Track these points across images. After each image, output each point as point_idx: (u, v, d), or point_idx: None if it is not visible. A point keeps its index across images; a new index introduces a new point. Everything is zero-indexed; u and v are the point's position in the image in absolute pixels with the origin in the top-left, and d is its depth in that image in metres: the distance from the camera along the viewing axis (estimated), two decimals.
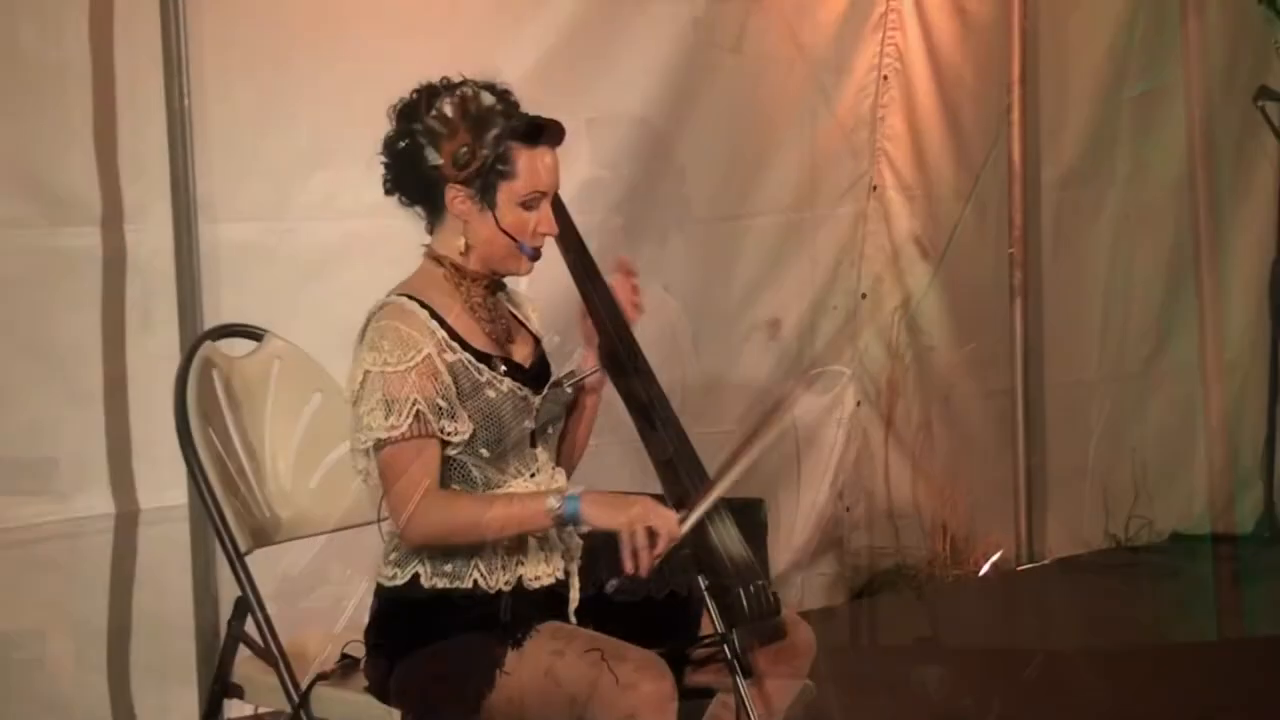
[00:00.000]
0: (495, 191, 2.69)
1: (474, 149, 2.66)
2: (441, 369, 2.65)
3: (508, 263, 2.76)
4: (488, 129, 2.66)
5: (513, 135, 2.67)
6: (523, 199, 2.70)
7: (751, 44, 5.01)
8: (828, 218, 5.36)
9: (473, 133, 2.66)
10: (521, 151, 2.68)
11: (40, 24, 3.69)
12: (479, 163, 2.66)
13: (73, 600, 3.83)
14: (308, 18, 4.07)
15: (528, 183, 2.69)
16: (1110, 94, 6.02)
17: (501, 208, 2.70)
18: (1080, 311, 6.12)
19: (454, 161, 2.67)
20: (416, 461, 2.63)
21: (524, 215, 2.71)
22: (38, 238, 3.73)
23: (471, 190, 2.69)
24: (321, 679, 2.80)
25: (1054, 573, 5.88)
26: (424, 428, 2.62)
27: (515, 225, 2.71)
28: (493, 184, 2.68)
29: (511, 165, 2.68)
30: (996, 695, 4.41)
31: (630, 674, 2.49)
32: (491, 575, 2.68)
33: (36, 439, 3.76)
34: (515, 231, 2.71)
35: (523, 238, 2.72)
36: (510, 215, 2.70)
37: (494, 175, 2.68)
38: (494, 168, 2.67)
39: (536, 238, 2.74)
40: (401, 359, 2.62)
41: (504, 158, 2.67)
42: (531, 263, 2.76)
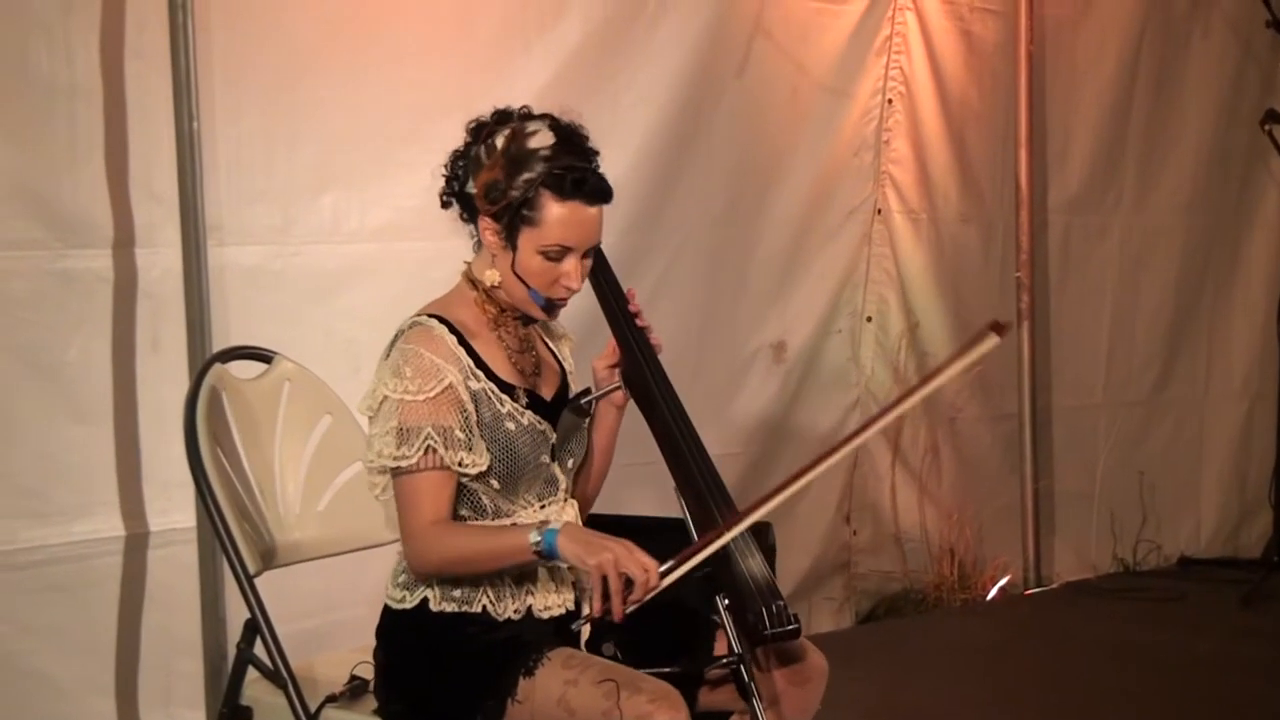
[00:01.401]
0: (518, 234, 2.64)
1: (505, 187, 2.62)
2: (464, 398, 2.63)
3: (525, 306, 2.71)
4: (521, 171, 2.61)
5: (546, 183, 2.61)
6: (543, 249, 2.64)
7: (755, 69, 5.02)
8: (832, 241, 5.37)
9: (506, 170, 2.62)
10: (552, 201, 2.62)
11: (50, 46, 3.69)
12: (506, 202, 2.63)
13: (81, 622, 3.81)
14: (316, 41, 4.07)
15: (550, 235, 2.63)
16: (1117, 118, 6.04)
17: (521, 251, 2.65)
18: (1087, 336, 6.13)
19: (485, 194, 2.64)
20: (425, 495, 2.61)
21: (544, 264, 2.65)
22: (47, 260, 3.72)
23: (499, 225, 2.66)
24: (330, 701, 2.79)
25: (1062, 597, 5.87)
26: (435, 460, 2.60)
27: (531, 272, 2.66)
28: (516, 226, 2.64)
29: (538, 213, 2.62)
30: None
31: (644, 705, 2.46)
32: (500, 603, 2.67)
33: (46, 461, 3.75)
34: (529, 278, 2.66)
35: (538, 286, 2.66)
36: (529, 261, 2.65)
37: (519, 219, 2.63)
38: (520, 211, 2.63)
39: (556, 289, 2.68)
40: (421, 388, 2.59)
41: (531, 203, 2.62)
42: (546, 314, 2.72)
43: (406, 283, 2.90)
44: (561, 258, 2.65)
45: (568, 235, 2.63)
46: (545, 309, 2.70)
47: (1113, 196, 6.09)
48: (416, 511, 2.61)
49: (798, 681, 2.77)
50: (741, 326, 5.16)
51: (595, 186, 2.64)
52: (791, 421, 5.31)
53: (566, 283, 2.67)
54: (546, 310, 2.71)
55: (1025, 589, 5.88)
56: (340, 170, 4.12)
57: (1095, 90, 5.98)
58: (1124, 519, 6.19)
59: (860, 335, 5.49)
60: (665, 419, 2.78)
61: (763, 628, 2.61)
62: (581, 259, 2.68)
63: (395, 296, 2.84)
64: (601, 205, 2.67)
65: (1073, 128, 5.95)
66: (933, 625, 5.44)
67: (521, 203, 2.62)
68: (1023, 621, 5.58)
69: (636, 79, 4.71)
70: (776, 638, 2.63)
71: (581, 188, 2.62)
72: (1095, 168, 6.03)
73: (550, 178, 2.61)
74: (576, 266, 2.67)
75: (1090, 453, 6.17)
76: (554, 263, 2.65)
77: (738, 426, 5.12)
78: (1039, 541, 5.95)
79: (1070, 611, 5.69)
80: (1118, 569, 6.19)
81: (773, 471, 5.21)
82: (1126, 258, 6.17)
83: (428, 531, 2.60)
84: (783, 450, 5.27)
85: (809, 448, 5.34)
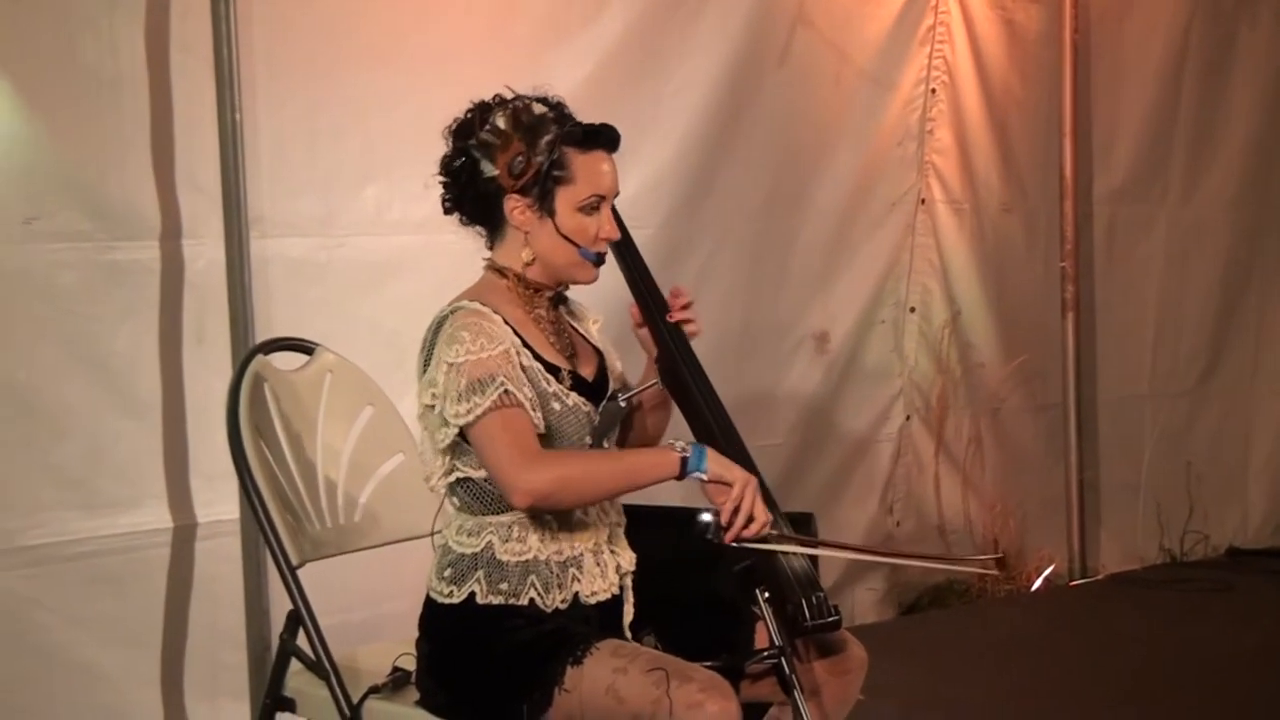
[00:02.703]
0: (553, 198, 2.68)
1: (529, 156, 2.65)
2: (524, 365, 2.64)
3: (572, 270, 2.74)
4: (541, 135, 2.66)
5: (567, 140, 2.67)
6: (581, 204, 2.69)
7: (797, 58, 5.01)
8: (876, 231, 5.36)
9: (526, 140, 2.66)
10: (577, 156, 2.67)
11: (96, 39, 3.72)
12: (535, 169, 2.66)
13: (128, 613, 3.84)
14: (358, 33, 4.09)
15: (585, 186, 2.68)
16: (1164, 109, 6.00)
17: (561, 214, 2.69)
18: (1133, 326, 6.10)
19: (510, 171, 2.67)
20: (514, 428, 2.57)
21: (583, 220, 2.69)
22: (95, 251, 3.75)
23: (530, 199, 2.68)
24: (373, 692, 2.78)
25: (1108, 588, 5.84)
26: (511, 399, 2.58)
27: (575, 230, 2.70)
28: (550, 190, 2.68)
29: (567, 170, 2.67)
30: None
31: (695, 694, 2.45)
32: (548, 594, 2.66)
33: (94, 453, 3.78)
34: (576, 236, 2.70)
35: (584, 243, 2.70)
36: (570, 220, 2.69)
37: (551, 181, 2.67)
38: (550, 174, 2.66)
39: (598, 243, 2.72)
40: (485, 346, 2.60)
41: (559, 163, 2.66)
42: (596, 269, 2.74)
43: (451, 273, 2.89)
44: (597, 210, 2.71)
45: (600, 184, 2.70)
46: (595, 264, 2.73)
47: (1159, 188, 6.06)
48: (510, 440, 2.56)
49: (838, 672, 2.77)
50: (784, 317, 5.16)
51: (609, 133, 2.72)
52: (834, 412, 5.31)
53: (606, 234, 2.73)
54: (596, 265, 2.74)
55: (1070, 580, 5.86)
56: (383, 162, 4.13)
57: (1141, 81, 5.94)
58: (1171, 510, 6.16)
59: (904, 326, 5.48)
60: (702, 413, 2.78)
61: (803, 619, 2.60)
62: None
63: (439, 287, 2.84)
64: (614, 153, 2.74)
65: (1118, 119, 5.92)
66: (976, 617, 5.42)
67: (551, 165, 2.66)
68: (1067, 613, 5.55)
69: (678, 70, 4.71)
70: (817, 629, 2.62)
71: (598, 136, 2.70)
72: (1141, 159, 5.99)
73: (568, 134, 2.67)
74: (610, 217, 2.73)
75: (1136, 443, 6.14)
76: (591, 217, 2.70)
77: (780, 417, 5.11)
78: (1084, 533, 5.93)
79: (1116, 603, 5.67)
80: (1164, 560, 6.16)
81: (815, 463, 5.22)
82: (1173, 250, 6.14)
83: (531, 455, 2.57)
84: (825, 441, 5.27)
85: (851, 439, 5.35)
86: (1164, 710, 4.41)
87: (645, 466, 2.62)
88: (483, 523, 2.68)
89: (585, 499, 2.66)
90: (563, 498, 2.61)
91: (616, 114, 2.78)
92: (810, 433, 5.21)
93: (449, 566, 2.69)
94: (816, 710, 2.71)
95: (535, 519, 2.67)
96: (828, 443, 5.28)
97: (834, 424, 5.30)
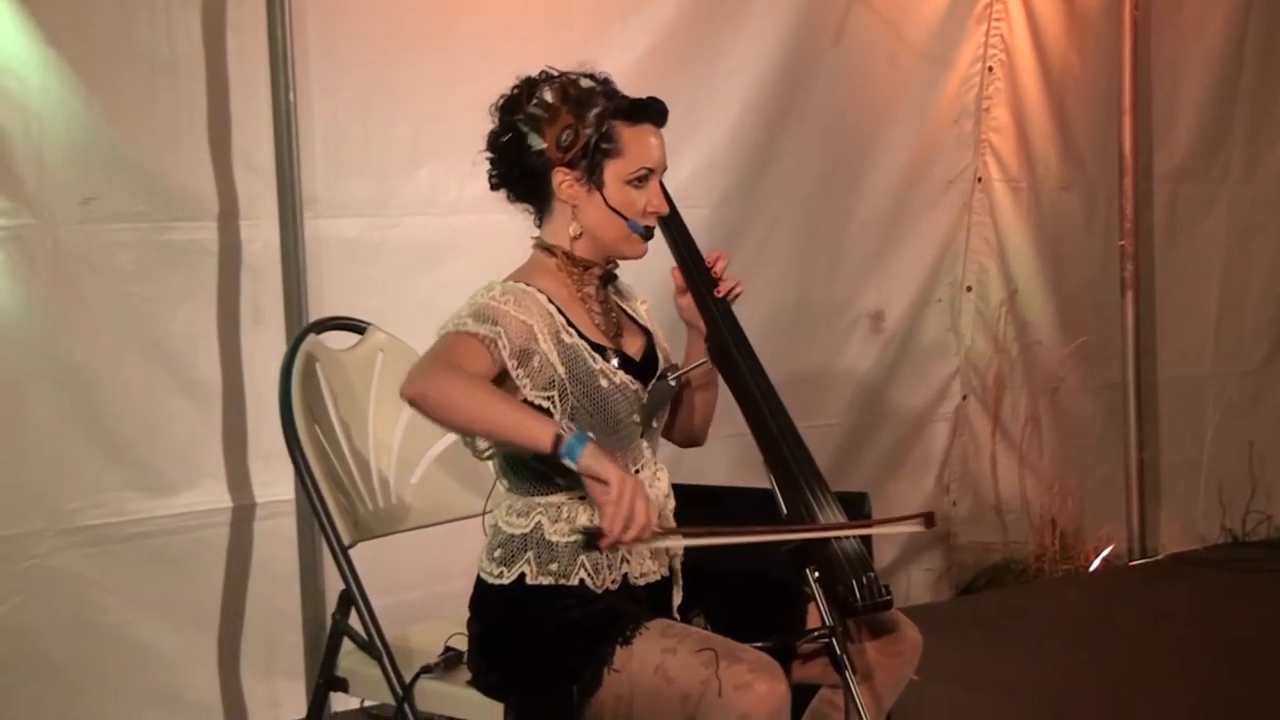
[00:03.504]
0: (602, 171, 2.68)
1: (577, 129, 2.65)
2: (546, 348, 2.64)
3: (621, 245, 2.74)
4: (589, 108, 2.66)
5: (615, 114, 2.67)
6: (630, 177, 2.69)
7: (853, 37, 4.99)
8: (932, 210, 5.33)
9: (575, 114, 2.66)
10: (625, 129, 2.67)
11: (152, 21, 3.74)
12: (583, 142, 2.66)
13: (186, 593, 3.87)
14: (412, 14, 4.10)
15: (634, 159, 2.68)
16: (1225, 86, 5.93)
17: (609, 186, 2.69)
18: (1195, 305, 6.04)
19: (558, 144, 2.67)
20: (460, 348, 2.57)
21: (632, 194, 2.70)
22: (152, 232, 3.78)
23: (578, 172, 2.68)
24: (425, 672, 2.79)
25: (1167, 568, 5.80)
26: (493, 350, 2.58)
27: (624, 203, 2.69)
28: (599, 163, 2.68)
29: (616, 143, 2.67)
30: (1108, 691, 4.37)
31: (744, 674, 2.45)
32: (598, 574, 2.67)
33: (153, 433, 3.82)
34: (624, 209, 2.70)
35: (632, 215, 2.70)
36: (619, 194, 2.69)
37: (599, 154, 2.67)
38: (598, 146, 2.66)
39: (647, 216, 2.72)
40: (511, 305, 2.62)
41: (608, 136, 2.66)
42: (645, 243, 2.74)
43: (506, 253, 2.90)
44: (646, 183, 2.71)
45: (648, 157, 2.70)
46: (644, 236, 2.73)
47: (1220, 166, 6.00)
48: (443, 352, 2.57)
49: (891, 654, 2.75)
50: (839, 296, 5.14)
51: (657, 106, 2.72)
52: (889, 392, 5.29)
53: (655, 207, 2.73)
54: (645, 238, 2.74)
55: (1129, 560, 5.82)
56: (438, 142, 4.14)
57: (1202, 57, 5.88)
58: (1232, 489, 6.11)
59: (960, 305, 5.45)
60: (750, 391, 2.76)
61: (854, 600, 2.59)
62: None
63: (494, 267, 2.84)
64: (662, 127, 2.73)
65: (1179, 96, 5.86)
66: (1034, 597, 5.39)
67: (599, 138, 2.66)
68: (1126, 593, 5.52)
69: (733, 49, 4.70)
70: (868, 609, 2.61)
71: (647, 110, 2.70)
72: (1202, 136, 5.93)
73: (617, 108, 2.67)
74: (659, 191, 2.73)
75: (1198, 422, 6.09)
76: (640, 190, 2.71)
77: (835, 396, 5.10)
78: (1144, 512, 5.89)
79: (1175, 583, 5.63)
80: (1226, 540, 6.11)
81: (870, 443, 5.20)
82: (1236, 227, 6.07)
83: (445, 364, 2.54)
84: (880, 421, 5.25)
85: (907, 419, 5.33)
86: (1223, 692, 4.37)
87: (522, 426, 2.50)
88: (532, 503, 2.69)
89: (450, 421, 2.56)
90: (430, 408, 2.51)
91: (671, 94, 2.77)
92: (865, 413, 5.19)
93: (499, 547, 2.70)
94: (869, 692, 2.70)
95: (583, 500, 2.67)
96: (883, 423, 5.26)
97: (889, 404, 5.28)
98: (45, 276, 3.64)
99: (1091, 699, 4.32)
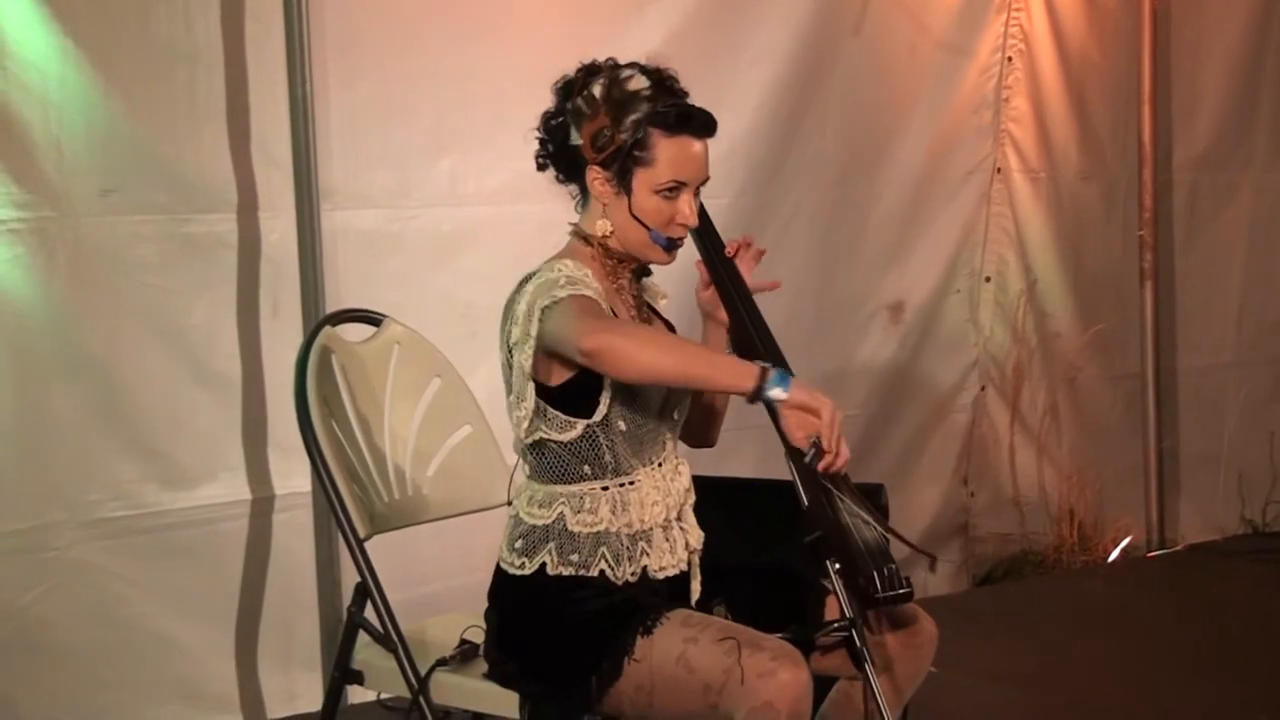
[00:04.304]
0: (631, 177, 2.65)
1: (613, 132, 2.62)
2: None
3: (644, 251, 2.71)
4: (628, 113, 2.62)
5: (653, 122, 2.62)
6: (659, 187, 2.65)
7: (873, 26, 4.97)
8: (951, 200, 5.32)
9: (613, 115, 2.63)
10: (661, 139, 2.63)
11: (170, 12, 3.75)
12: (616, 146, 2.63)
13: (205, 585, 3.89)
14: (429, 5, 4.09)
15: (665, 171, 2.64)
16: (1247, 74, 5.90)
17: (637, 194, 2.66)
18: (1215, 295, 6.01)
19: (593, 143, 2.64)
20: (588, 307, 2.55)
21: (660, 204, 2.66)
22: (172, 224, 3.79)
23: (609, 173, 2.66)
24: (441, 664, 2.79)
25: (1187, 559, 5.78)
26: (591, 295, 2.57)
27: (649, 213, 2.67)
28: (629, 169, 2.65)
29: (649, 152, 2.63)
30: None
31: (766, 662, 2.44)
32: (619, 566, 2.66)
33: (172, 425, 3.82)
34: (649, 219, 2.67)
35: (656, 225, 2.67)
36: (645, 202, 2.66)
37: (631, 161, 2.64)
38: (631, 153, 2.63)
39: (673, 228, 2.69)
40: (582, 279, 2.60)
41: (642, 144, 2.63)
42: (668, 253, 2.71)
43: (525, 245, 2.90)
44: (676, 195, 2.67)
45: (681, 170, 2.65)
46: (667, 249, 2.71)
47: (1242, 155, 5.96)
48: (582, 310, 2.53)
49: (909, 646, 2.75)
50: (859, 287, 5.13)
51: (701, 119, 2.66)
52: (909, 382, 5.28)
53: (683, 220, 2.68)
54: (668, 250, 2.71)
55: (1148, 551, 5.80)
56: (456, 133, 4.14)
57: (1224, 46, 5.84)
58: (1253, 480, 6.08)
59: (979, 295, 5.43)
60: None
61: (874, 591, 2.57)
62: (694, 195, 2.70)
63: (514, 259, 2.83)
64: (708, 139, 2.69)
65: (1200, 84, 5.83)
66: (1052, 588, 5.38)
67: (633, 144, 2.63)
68: (1145, 584, 5.50)
69: (752, 39, 4.69)
70: (888, 601, 2.59)
71: (688, 121, 2.64)
72: (1224, 126, 5.90)
73: (656, 115, 2.62)
74: (690, 203, 2.69)
75: (1218, 413, 6.06)
76: (669, 201, 2.67)
77: (855, 387, 5.09)
78: (1163, 503, 5.87)
79: (1195, 574, 5.61)
80: (1245, 531, 6.08)
81: (890, 434, 5.19)
82: (1259, 217, 6.04)
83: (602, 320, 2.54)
84: (900, 411, 5.24)
85: (926, 409, 5.32)
86: (1244, 683, 4.36)
87: (716, 367, 2.54)
88: (553, 493, 2.69)
89: (649, 365, 2.50)
90: (628, 351, 2.47)
91: (690, 84, 2.76)
92: (885, 403, 5.18)
93: (520, 538, 2.70)
94: (888, 683, 2.69)
95: (605, 491, 2.67)
96: (902, 413, 5.25)
97: (909, 395, 5.27)
98: (65, 268, 3.65)
99: (1109, 690, 4.31)
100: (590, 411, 2.64)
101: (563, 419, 2.65)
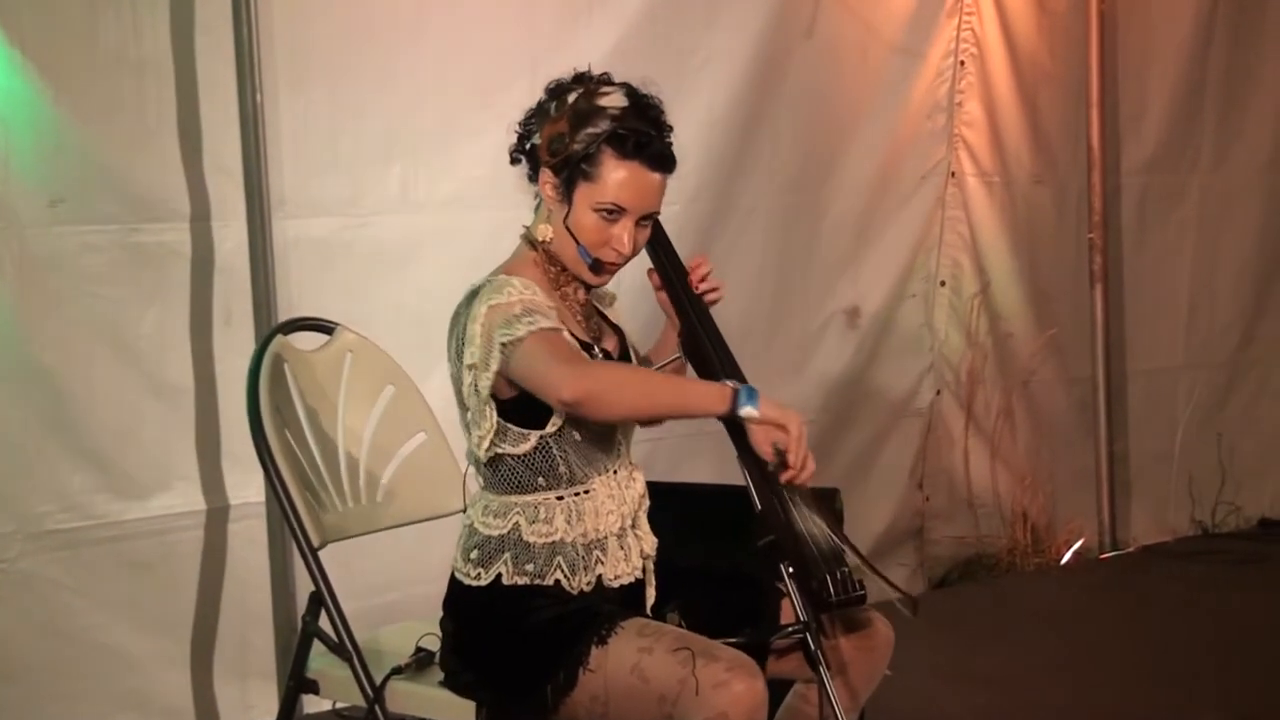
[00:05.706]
0: (574, 189, 2.65)
1: (569, 140, 2.62)
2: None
3: (572, 265, 2.71)
4: (587, 125, 2.62)
5: (610, 140, 2.62)
6: (598, 206, 2.64)
7: (824, 30, 4.97)
8: (906, 205, 5.33)
9: (572, 124, 2.63)
10: (612, 159, 2.62)
11: (119, 21, 3.71)
12: (567, 154, 2.63)
13: (158, 596, 3.85)
14: (378, 11, 4.08)
15: (608, 191, 2.63)
16: (1193, 77, 5.94)
17: (576, 207, 2.65)
18: (1165, 298, 6.05)
19: (549, 146, 2.65)
20: (555, 343, 2.55)
21: (597, 223, 2.65)
22: (122, 234, 3.76)
23: (559, 180, 2.66)
24: (396, 673, 2.79)
25: (1138, 560, 5.82)
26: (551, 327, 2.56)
27: (584, 229, 2.66)
28: (574, 180, 2.64)
29: (597, 168, 2.62)
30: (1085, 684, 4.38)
31: (721, 673, 2.44)
32: (574, 575, 2.66)
33: (124, 436, 3.79)
34: (581, 235, 2.66)
35: (587, 244, 2.66)
36: (583, 218, 2.65)
37: (577, 172, 2.63)
38: (579, 165, 2.63)
39: (605, 250, 2.67)
40: (533, 295, 2.59)
41: (592, 159, 2.62)
42: (594, 275, 2.70)
43: (476, 252, 2.89)
44: (615, 219, 2.65)
45: (623, 196, 2.64)
46: (592, 269, 2.69)
47: (1189, 157, 6.00)
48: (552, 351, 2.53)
49: (864, 649, 2.76)
50: (814, 292, 5.13)
51: (658, 151, 2.65)
52: (866, 387, 5.29)
53: (616, 245, 2.67)
54: (593, 270, 2.69)
55: (1100, 553, 5.83)
56: (406, 140, 4.13)
57: (1171, 49, 5.88)
58: (1203, 481, 6.12)
59: (934, 299, 5.45)
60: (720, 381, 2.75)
61: (827, 595, 2.59)
62: (637, 225, 2.67)
63: (465, 266, 2.83)
64: (663, 173, 2.67)
65: (1148, 89, 5.86)
66: (1006, 590, 5.40)
67: (582, 157, 2.62)
68: (1098, 585, 5.53)
69: (703, 42, 4.68)
70: (842, 605, 2.61)
71: (644, 150, 2.63)
72: (1172, 128, 5.93)
73: (614, 136, 2.62)
74: (629, 231, 2.66)
75: (1169, 415, 6.10)
76: (607, 223, 2.65)
77: (811, 392, 5.09)
78: (1114, 505, 5.90)
79: (1146, 575, 5.65)
80: (1196, 532, 6.12)
81: (845, 439, 5.20)
82: (1206, 218, 6.07)
83: (578, 361, 2.57)
84: (856, 415, 5.25)
85: (882, 414, 5.33)
86: (1196, 683, 4.39)
87: (689, 397, 2.60)
88: (508, 503, 2.68)
89: (630, 407, 2.58)
90: (609, 398, 2.53)
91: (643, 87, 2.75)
92: (841, 408, 5.19)
93: (476, 548, 2.69)
94: (844, 686, 2.70)
95: (560, 500, 2.67)
96: (858, 418, 5.26)
97: (865, 399, 5.28)
98: (13, 279, 3.61)
99: (1064, 690, 4.34)
100: (542, 422, 2.64)
101: (516, 431, 2.65)
